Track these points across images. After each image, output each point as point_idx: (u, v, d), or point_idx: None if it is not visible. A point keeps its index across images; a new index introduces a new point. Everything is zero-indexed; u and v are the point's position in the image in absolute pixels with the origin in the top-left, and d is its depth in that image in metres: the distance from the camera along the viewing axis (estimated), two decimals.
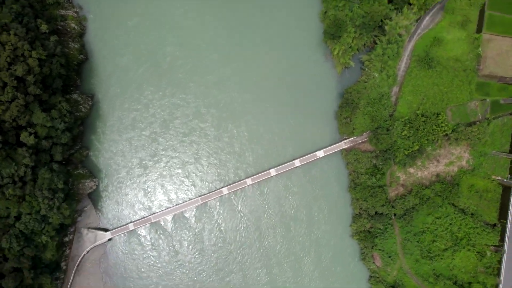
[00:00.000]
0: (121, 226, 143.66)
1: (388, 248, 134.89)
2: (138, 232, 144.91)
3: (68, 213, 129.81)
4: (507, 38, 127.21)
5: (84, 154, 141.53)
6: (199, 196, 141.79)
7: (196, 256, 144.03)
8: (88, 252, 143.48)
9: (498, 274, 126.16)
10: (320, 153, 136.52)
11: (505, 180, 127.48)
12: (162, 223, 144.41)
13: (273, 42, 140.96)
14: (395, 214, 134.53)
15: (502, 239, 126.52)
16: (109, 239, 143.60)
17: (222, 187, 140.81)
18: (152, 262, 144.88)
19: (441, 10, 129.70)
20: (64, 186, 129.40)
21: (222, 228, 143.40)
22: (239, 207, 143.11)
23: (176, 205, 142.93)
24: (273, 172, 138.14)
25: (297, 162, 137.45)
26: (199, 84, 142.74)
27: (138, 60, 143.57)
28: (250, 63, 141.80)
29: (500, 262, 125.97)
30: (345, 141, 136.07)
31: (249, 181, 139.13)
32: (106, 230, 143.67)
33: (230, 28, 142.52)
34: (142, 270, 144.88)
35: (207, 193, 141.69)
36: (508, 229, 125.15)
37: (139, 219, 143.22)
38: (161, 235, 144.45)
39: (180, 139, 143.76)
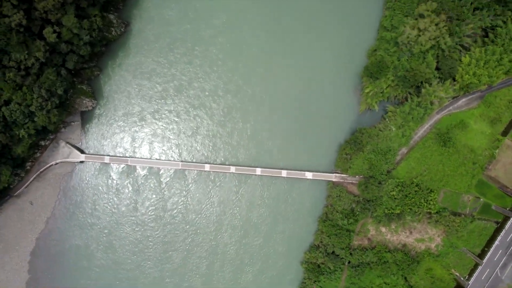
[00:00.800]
0: (98, 154, 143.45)
1: None
2: (110, 170, 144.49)
3: (55, 120, 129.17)
4: None
5: (95, 74, 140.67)
6: (181, 161, 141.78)
7: (152, 220, 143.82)
8: (56, 164, 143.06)
9: None
10: (309, 175, 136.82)
11: (462, 279, 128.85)
12: (136, 173, 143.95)
13: (313, 57, 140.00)
14: (349, 262, 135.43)
15: None
16: (81, 162, 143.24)
17: (206, 163, 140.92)
18: (109, 206, 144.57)
19: (479, 99, 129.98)
20: (62, 94, 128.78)
21: (187, 206, 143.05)
22: (211, 194, 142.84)
23: (156, 159, 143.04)
24: (258, 171, 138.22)
25: (284, 173, 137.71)
26: (228, 67, 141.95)
27: (183, 20, 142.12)
28: (283, 68, 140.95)
29: None
30: (337, 174, 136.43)
31: (232, 169, 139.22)
32: (82, 152, 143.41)
33: (279, 29, 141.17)
34: (97, 208, 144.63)
35: (189, 162, 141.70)
36: None
37: (116, 156, 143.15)
38: (129, 185, 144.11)
39: (187, 108, 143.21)
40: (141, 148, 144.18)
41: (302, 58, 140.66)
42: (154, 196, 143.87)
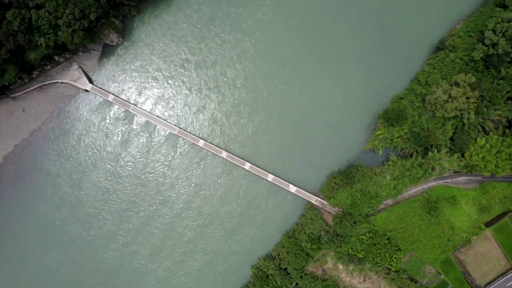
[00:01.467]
0: (105, 90, 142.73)
1: None
2: (108, 112, 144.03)
3: (77, 41, 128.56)
4: (499, 249, 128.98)
5: (131, 14, 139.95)
6: (179, 127, 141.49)
7: (126, 176, 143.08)
8: (62, 83, 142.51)
9: None
10: (293, 189, 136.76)
11: None
12: (131, 125, 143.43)
13: (339, 81, 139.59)
14: (297, 284, 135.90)
15: None
16: (86, 90, 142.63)
17: (201, 139, 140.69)
18: (93, 145, 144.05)
19: (478, 183, 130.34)
20: (93, 20, 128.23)
21: (165, 175, 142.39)
22: (193, 172, 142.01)
23: (157, 116, 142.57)
24: (247, 165, 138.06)
25: (270, 177, 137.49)
26: (255, 63, 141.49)
27: (230, 1, 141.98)
28: (306, 82, 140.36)
29: None
30: (318, 198, 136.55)
31: (224, 154, 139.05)
32: (91, 81, 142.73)
33: (317, 44, 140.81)
34: (81, 142, 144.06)
35: (187, 131, 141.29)
36: None
37: (122, 99, 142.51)
38: (119, 133, 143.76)
39: (201, 85, 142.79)
40: (144, 104, 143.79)
41: (328, 79, 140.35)
42: (138, 153, 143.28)
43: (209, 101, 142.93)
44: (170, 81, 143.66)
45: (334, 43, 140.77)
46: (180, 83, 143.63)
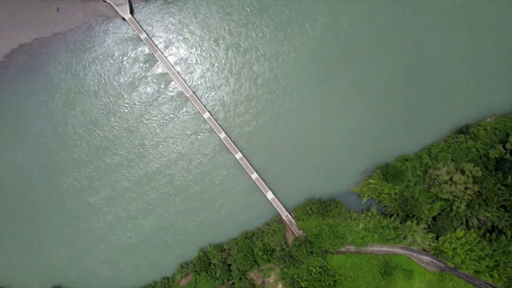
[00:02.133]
0: (140, 25, 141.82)
1: None
2: (132, 49, 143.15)
3: None
4: None
5: None
6: (193, 92, 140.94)
7: (120, 116, 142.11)
8: (104, 1, 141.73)
9: None
10: (270, 196, 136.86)
11: None
12: (148, 71, 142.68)
13: (358, 118, 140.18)
14: (233, 283, 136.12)
15: None
16: (123, 19, 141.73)
17: (208, 111, 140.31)
18: (102, 74, 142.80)
19: (439, 269, 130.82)
20: None
21: (156, 130, 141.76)
22: (182, 141, 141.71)
23: (178, 72, 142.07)
24: (238, 155, 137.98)
25: (254, 175, 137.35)
26: (284, 68, 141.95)
27: (287, 2, 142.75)
28: (325, 105, 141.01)
29: None
30: (288, 216, 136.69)
31: (222, 135, 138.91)
32: (132, 13, 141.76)
33: (354, 77, 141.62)
34: (94, 65, 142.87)
35: (198, 99, 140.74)
36: None
37: (152, 40, 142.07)
38: (133, 74, 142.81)
39: (225, 66, 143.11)
40: (168, 58, 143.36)
41: (345, 112, 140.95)
42: (140, 101, 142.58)
43: (225, 84, 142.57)
44: (198, 47, 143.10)
45: (367, 82, 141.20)
46: (207, 54, 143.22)
